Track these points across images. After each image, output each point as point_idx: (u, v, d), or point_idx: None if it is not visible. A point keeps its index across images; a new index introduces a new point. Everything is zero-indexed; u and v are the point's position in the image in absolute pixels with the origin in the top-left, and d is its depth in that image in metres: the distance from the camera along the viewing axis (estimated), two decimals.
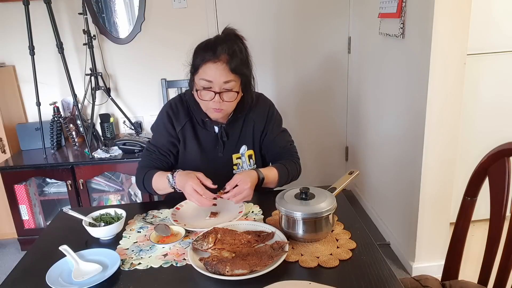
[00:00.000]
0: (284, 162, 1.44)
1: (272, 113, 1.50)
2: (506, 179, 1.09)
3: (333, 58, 2.94)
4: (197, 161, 1.45)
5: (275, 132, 1.49)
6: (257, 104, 1.47)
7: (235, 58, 1.28)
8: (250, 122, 1.47)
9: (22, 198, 2.48)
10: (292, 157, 1.49)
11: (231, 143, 1.46)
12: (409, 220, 2.13)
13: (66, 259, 1.05)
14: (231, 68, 1.28)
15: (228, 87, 1.29)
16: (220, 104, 1.31)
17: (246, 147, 1.47)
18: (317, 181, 3.12)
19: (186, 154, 1.46)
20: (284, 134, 1.52)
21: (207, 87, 1.29)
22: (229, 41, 1.30)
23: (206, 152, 1.45)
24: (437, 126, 1.89)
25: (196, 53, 1.33)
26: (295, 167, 1.47)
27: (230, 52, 1.28)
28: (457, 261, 1.27)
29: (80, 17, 2.49)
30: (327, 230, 1.11)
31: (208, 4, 2.70)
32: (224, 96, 1.30)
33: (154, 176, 1.36)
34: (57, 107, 2.60)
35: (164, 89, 2.79)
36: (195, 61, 1.32)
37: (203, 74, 1.29)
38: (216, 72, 1.27)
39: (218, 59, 1.27)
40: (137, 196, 2.58)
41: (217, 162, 1.45)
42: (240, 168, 1.47)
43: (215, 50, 1.27)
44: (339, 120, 3.09)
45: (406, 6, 1.98)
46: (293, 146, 1.53)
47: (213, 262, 0.98)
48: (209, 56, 1.27)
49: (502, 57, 2.26)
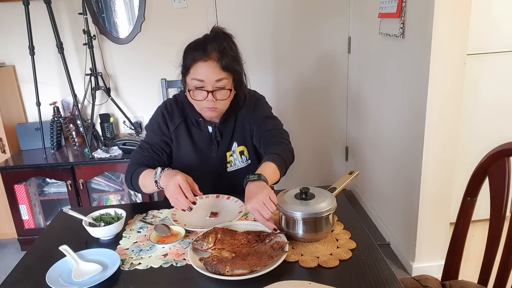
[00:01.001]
0: (275, 149, 1.32)
1: (258, 103, 1.46)
2: (506, 179, 1.09)
3: (333, 58, 2.94)
4: (191, 161, 1.44)
5: (261, 117, 1.43)
6: (245, 101, 1.45)
7: (225, 56, 1.27)
8: (240, 118, 1.46)
9: (22, 198, 2.48)
10: (280, 138, 1.37)
11: (225, 142, 1.45)
12: (409, 220, 2.13)
13: (66, 259, 1.05)
14: (222, 66, 1.27)
15: (220, 85, 1.29)
16: (214, 103, 1.29)
17: (237, 143, 1.46)
18: (317, 181, 3.12)
19: (180, 154, 1.45)
20: (272, 119, 1.46)
21: (199, 87, 1.29)
22: (218, 39, 1.29)
23: (200, 152, 1.45)
24: (437, 126, 1.89)
25: (186, 53, 1.32)
26: (287, 150, 1.35)
27: (220, 50, 1.27)
28: (457, 261, 1.27)
29: (80, 17, 2.49)
30: (327, 230, 1.11)
31: (208, 4, 2.70)
32: (217, 94, 1.29)
33: (142, 173, 1.32)
34: (57, 107, 2.60)
35: (164, 89, 2.79)
36: (186, 61, 1.31)
37: (195, 74, 1.28)
38: (208, 71, 1.26)
39: (208, 57, 1.26)
40: (137, 196, 2.57)
41: (211, 162, 1.45)
42: (233, 165, 1.47)
43: (205, 49, 1.26)
44: (339, 120, 3.09)
45: (406, 6, 1.98)
46: (283, 129, 1.45)
47: (213, 262, 0.98)
48: (200, 55, 1.27)
49: (502, 57, 2.26)
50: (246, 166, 1.48)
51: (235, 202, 1.32)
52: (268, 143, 1.37)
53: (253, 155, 1.49)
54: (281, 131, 1.42)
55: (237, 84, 1.35)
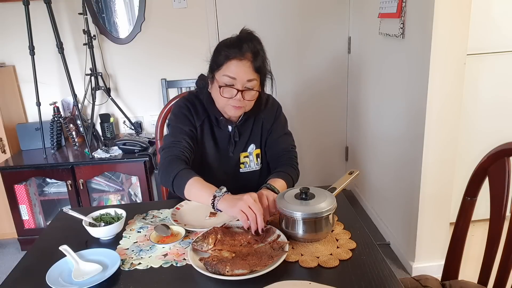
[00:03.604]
0: (286, 169, 1.40)
1: (279, 113, 1.51)
2: (506, 179, 1.09)
3: (333, 58, 2.94)
4: (211, 159, 1.44)
5: (279, 132, 1.49)
6: (267, 104, 1.47)
7: (258, 57, 1.29)
8: (259, 121, 1.47)
9: (22, 198, 2.48)
10: (292, 161, 1.46)
11: (241, 143, 1.46)
12: (409, 220, 2.13)
13: (66, 259, 1.05)
14: (255, 67, 1.28)
15: (250, 85, 1.30)
16: (241, 102, 1.31)
17: (254, 146, 1.48)
18: (317, 181, 3.12)
19: (201, 151, 1.43)
20: (288, 136, 1.52)
21: (230, 84, 1.29)
22: (253, 40, 1.30)
23: (220, 151, 1.45)
24: (437, 126, 1.89)
25: (219, 50, 1.32)
26: (296, 173, 1.44)
27: (254, 51, 1.29)
28: (457, 261, 1.27)
29: (80, 17, 2.49)
30: (327, 230, 1.11)
31: (208, 4, 2.70)
32: (245, 95, 1.30)
33: (192, 180, 1.20)
34: (57, 107, 2.60)
35: (164, 89, 2.79)
36: (218, 58, 1.31)
37: (227, 71, 1.28)
38: (241, 70, 1.27)
39: (243, 57, 1.27)
40: (137, 196, 2.58)
41: (227, 162, 1.46)
42: (247, 167, 1.47)
43: (241, 48, 1.27)
44: (339, 120, 3.09)
45: (406, 6, 1.98)
46: (295, 151, 1.51)
47: (213, 262, 0.98)
48: (235, 53, 1.27)
49: (502, 57, 2.26)
50: (259, 169, 1.50)
51: None
52: (282, 163, 1.44)
53: (264, 160, 1.51)
54: (294, 154, 1.49)
55: (261, 87, 1.37)
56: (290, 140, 1.52)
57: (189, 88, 2.74)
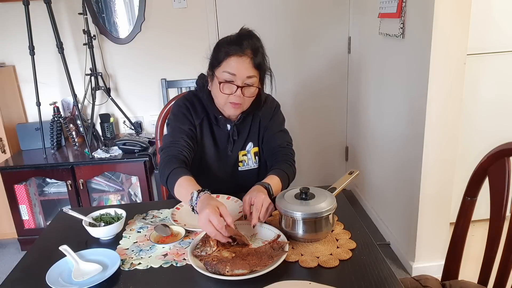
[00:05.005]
0: (281, 166, 1.38)
1: (277, 111, 1.52)
2: (506, 179, 1.09)
3: (333, 58, 2.94)
4: (210, 158, 1.45)
5: (275, 129, 1.49)
6: (265, 103, 1.48)
7: (258, 54, 1.31)
8: (257, 119, 1.48)
9: (22, 198, 2.48)
10: (287, 157, 1.43)
11: (240, 141, 1.47)
12: (409, 220, 2.13)
13: (66, 259, 1.05)
14: (255, 64, 1.30)
15: (250, 82, 1.31)
16: (240, 99, 1.31)
17: (253, 144, 1.48)
18: (317, 181, 3.12)
19: (200, 149, 1.44)
20: (284, 133, 1.52)
21: (230, 81, 1.30)
22: (253, 38, 1.32)
23: (219, 149, 1.45)
24: (437, 126, 1.89)
25: (219, 47, 1.33)
26: (291, 170, 1.41)
27: (254, 48, 1.30)
28: (457, 261, 1.27)
29: (80, 17, 2.49)
30: (327, 230, 1.11)
31: (208, 4, 2.70)
32: (245, 91, 1.31)
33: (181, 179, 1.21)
34: (57, 107, 2.60)
35: (164, 89, 2.79)
36: (219, 54, 1.32)
37: (227, 67, 1.29)
38: (241, 66, 1.28)
39: (243, 53, 1.28)
40: (137, 196, 2.58)
41: (226, 160, 1.46)
42: (246, 165, 1.48)
43: (241, 45, 1.28)
44: (339, 120, 3.09)
45: (406, 6, 1.98)
46: (291, 148, 1.50)
47: (213, 262, 0.98)
48: (235, 49, 1.28)
49: (502, 57, 2.26)
50: (257, 167, 1.50)
51: (235, 202, 1.32)
52: (278, 160, 1.42)
53: (262, 158, 1.51)
54: (290, 151, 1.47)
55: (262, 84, 1.38)
56: (287, 137, 1.51)
57: (189, 88, 2.74)
